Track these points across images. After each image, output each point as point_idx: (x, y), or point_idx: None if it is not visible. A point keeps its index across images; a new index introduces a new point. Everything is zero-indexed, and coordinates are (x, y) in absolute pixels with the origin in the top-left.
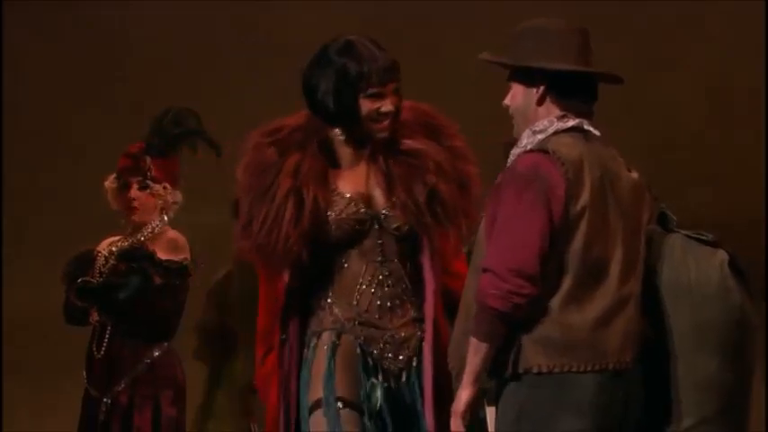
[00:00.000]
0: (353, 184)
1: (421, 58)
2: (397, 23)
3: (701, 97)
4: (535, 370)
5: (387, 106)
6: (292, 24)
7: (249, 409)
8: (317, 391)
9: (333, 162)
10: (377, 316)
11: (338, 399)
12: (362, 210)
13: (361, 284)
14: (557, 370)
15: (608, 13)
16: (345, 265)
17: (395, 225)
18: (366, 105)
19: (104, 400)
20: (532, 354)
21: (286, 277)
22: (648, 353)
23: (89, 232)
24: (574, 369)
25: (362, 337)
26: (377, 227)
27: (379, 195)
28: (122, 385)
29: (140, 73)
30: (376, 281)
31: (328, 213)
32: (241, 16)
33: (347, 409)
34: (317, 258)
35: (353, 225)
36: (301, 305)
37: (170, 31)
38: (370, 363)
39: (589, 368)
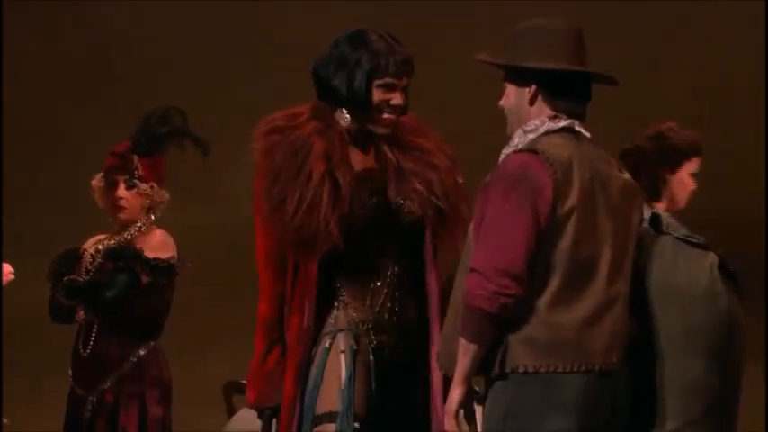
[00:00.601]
0: (369, 176)
1: (421, 58)
2: (397, 23)
3: (701, 97)
4: (521, 369)
5: (396, 100)
6: (292, 24)
7: (232, 408)
8: (331, 401)
9: (352, 153)
10: (386, 316)
11: (355, 417)
12: (381, 201)
13: (375, 282)
14: (543, 370)
15: (608, 13)
16: (362, 261)
17: (407, 220)
18: (378, 95)
19: (90, 398)
20: (519, 353)
21: (315, 266)
22: (636, 354)
23: (89, 232)
24: (560, 369)
25: (374, 342)
26: (391, 220)
27: (391, 189)
28: (108, 384)
29: (140, 73)
30: (388, 279)
31: (358, 202)
32: (241, 16)
33: None
34: (341, 251)
35: (377, 216)
36: (321, 298)
37: (170, 31)
38: (380, 369)
39: (575, 368)
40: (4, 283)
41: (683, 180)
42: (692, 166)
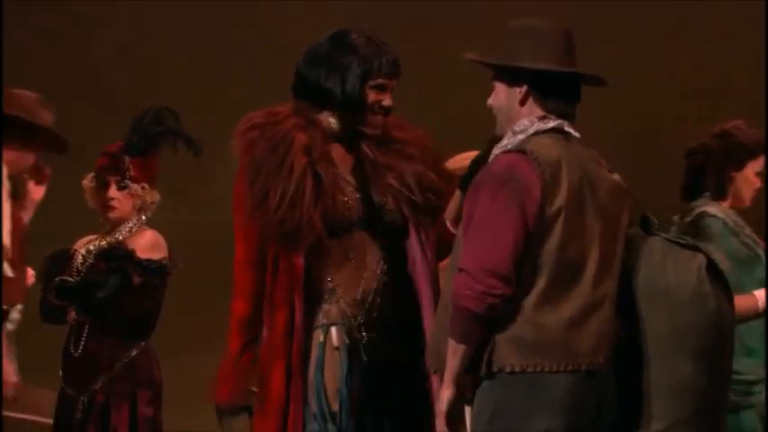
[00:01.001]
0: (352, 173)
1: (421, 58)
2: (397, 23)
3: (701, 97)
4: (508, 369)
5: (387, 101)
6: (292, 24)
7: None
8: (332, 400)
9: (334, 150)
10: (375, 314)
11: (352, 417)
12: (365, 198)
13: (364, 278)
14: (530, 369)
15: (608, 13)
16: (350, 256)
17: (389, 218)
18: (370, 96)
19: (81, 398)
20: (506, 353)
21: (301, 260)
22: (624, 354)
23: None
24: (546, 369)
25: (365, 338)
26: (375, 217)
27: (372, 186)
28: (99, 384)
29: (140, 73)
30: (377, 275)
31: (341, 197)
32: (241, 16)
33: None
34: (327, 244)
35: (361, 211)
36: (307, 293)
37: (169, 32)
38: (371, 367)
39: (562, 368)
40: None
41: (749, 178)
42: (757, 164)
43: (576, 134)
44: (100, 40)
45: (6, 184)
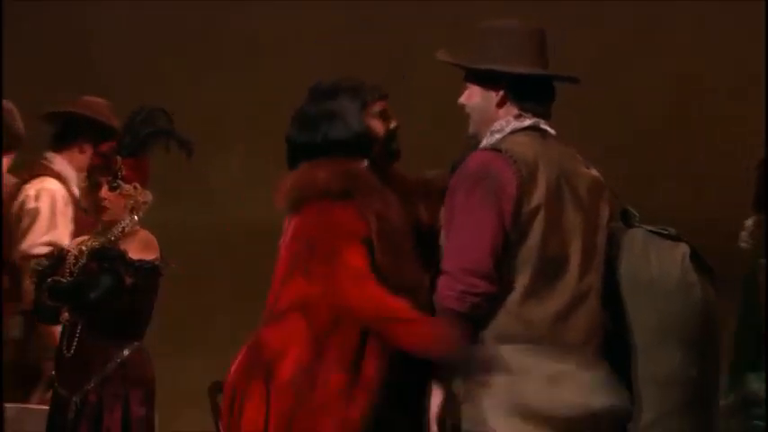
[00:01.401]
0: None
1: (421, 57)
2: (397, 24)
3: (701, 97)
4: None
5: (394, 122)
6: (286, 25)
7: (217, 409)
8: None
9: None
10: None
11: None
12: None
13: None
14: None
15: (605, 11)
16: None
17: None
18: (379, 126)
19: (74, 399)
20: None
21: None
22: (611, 347)
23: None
24: None
25: None
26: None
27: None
28: (92, 384)
29: (141, 74)
30: None
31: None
32: (236, 17)
33: None
34: None
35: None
36: None
37: (164, 32)
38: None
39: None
40: None
41: None
42: None
43: (552, 131)
44: (101, 41)
45: (76, 192)
